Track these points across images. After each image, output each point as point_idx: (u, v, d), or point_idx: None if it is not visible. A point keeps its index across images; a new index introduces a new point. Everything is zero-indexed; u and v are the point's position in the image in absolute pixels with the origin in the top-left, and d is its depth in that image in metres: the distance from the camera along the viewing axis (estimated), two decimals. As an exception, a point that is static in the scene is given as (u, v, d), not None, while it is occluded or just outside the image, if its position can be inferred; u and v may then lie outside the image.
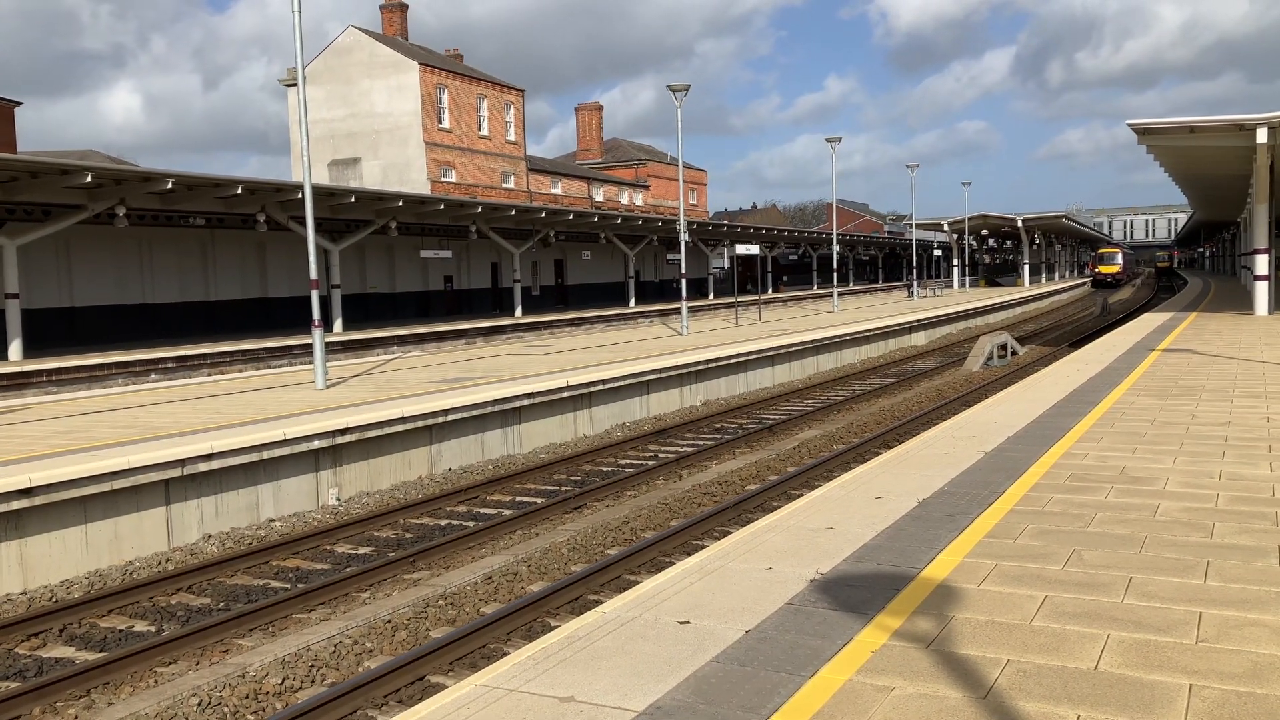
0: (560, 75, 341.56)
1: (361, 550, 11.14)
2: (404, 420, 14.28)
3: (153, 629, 8.87)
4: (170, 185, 26.42)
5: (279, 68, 63.37)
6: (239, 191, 28.58)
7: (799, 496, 10.36)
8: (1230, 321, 28.43)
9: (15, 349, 24.34)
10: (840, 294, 49.79)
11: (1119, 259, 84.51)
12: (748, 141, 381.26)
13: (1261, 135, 25.41)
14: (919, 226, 75.81)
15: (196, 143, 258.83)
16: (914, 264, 66.46)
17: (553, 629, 7.46)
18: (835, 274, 49.09)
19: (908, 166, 58.56)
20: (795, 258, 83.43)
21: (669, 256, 59.29)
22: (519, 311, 41.77)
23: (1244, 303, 35.38)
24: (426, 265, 42.80)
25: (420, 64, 55.55)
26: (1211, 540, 6.80)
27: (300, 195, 27.90)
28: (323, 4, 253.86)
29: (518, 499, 13.29)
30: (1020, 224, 70.03)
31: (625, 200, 75.45)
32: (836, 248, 51.66)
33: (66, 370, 21.85)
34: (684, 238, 32.03)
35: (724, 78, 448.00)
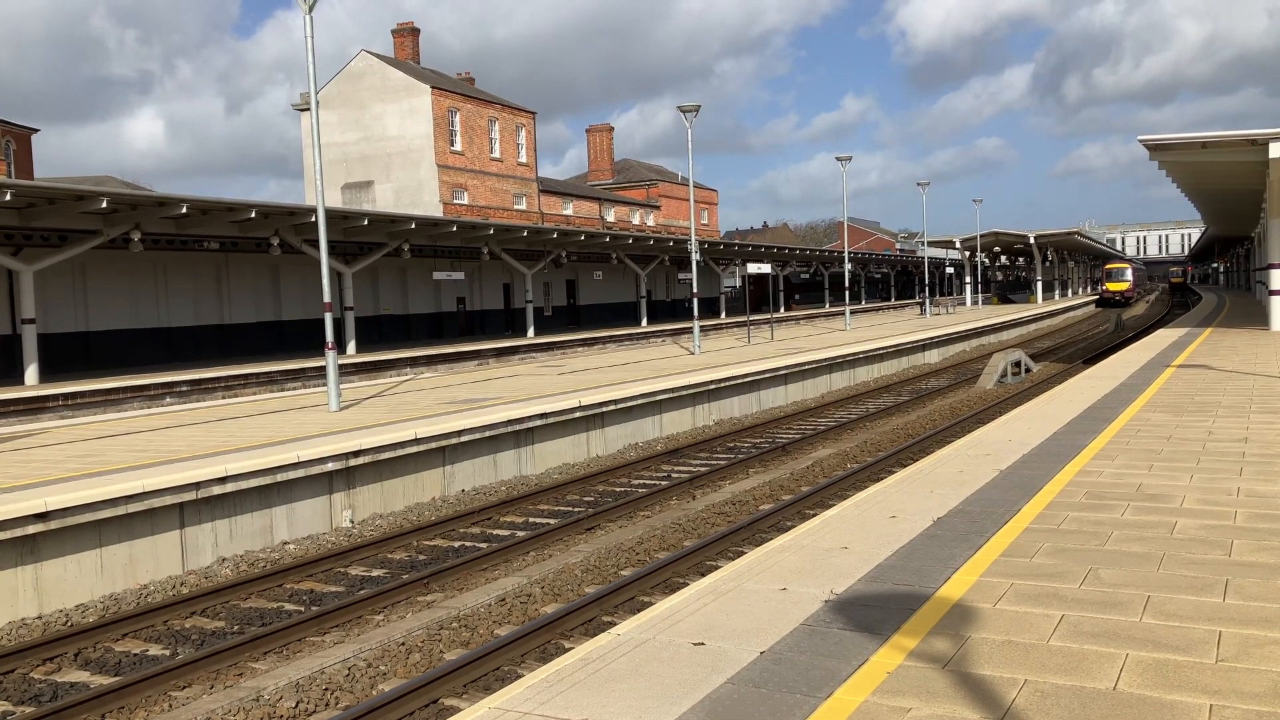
0: (580, 96, 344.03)
1: (375, 572, 11.14)
2: (417, 442, 14.30)
3: (167, 653, 8.88)
4: (184, 210, 26.61)
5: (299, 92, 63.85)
6: (252, 215, 28.75)
7: (813, 516, 10.33)
8: (1246, 337, 28.27)
9: (32, 373, 24.49)
10: (853, 312, 49.74)
11: (1129, 275, 77.54)
12: (764, 161, 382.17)
13: (1275, 150, 25.31)
14: (931, 244, 75.81)
15: (218, 167, 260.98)
16: (926, 281, 66.35)
17: (567, 651, 7.44)
18: (847, 292, 49.04)
19: (918, 184, 58.62)
20: (807, 276, 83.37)
21: (680, 276, 59.35)
22: (531, 332, 41.86)
23: (1259, 318, 35.20)
24: (439, 287, 42.95)
25: (432, 87, 55.93)
26: (1230, 558, 6.74)
27: (313, 218, 28.03)
28: (347, 30, 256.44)
29: (531, 520, 13.28)
30: (1033, 240, 69.88)
31: (636, 220, 75.65)
32: (848, 266, 51.65)
33: (82, 394, 21.97)
34: (695, 257, 32.07)
35: (742, 97, 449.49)
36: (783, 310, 65.76)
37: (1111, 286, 76.80)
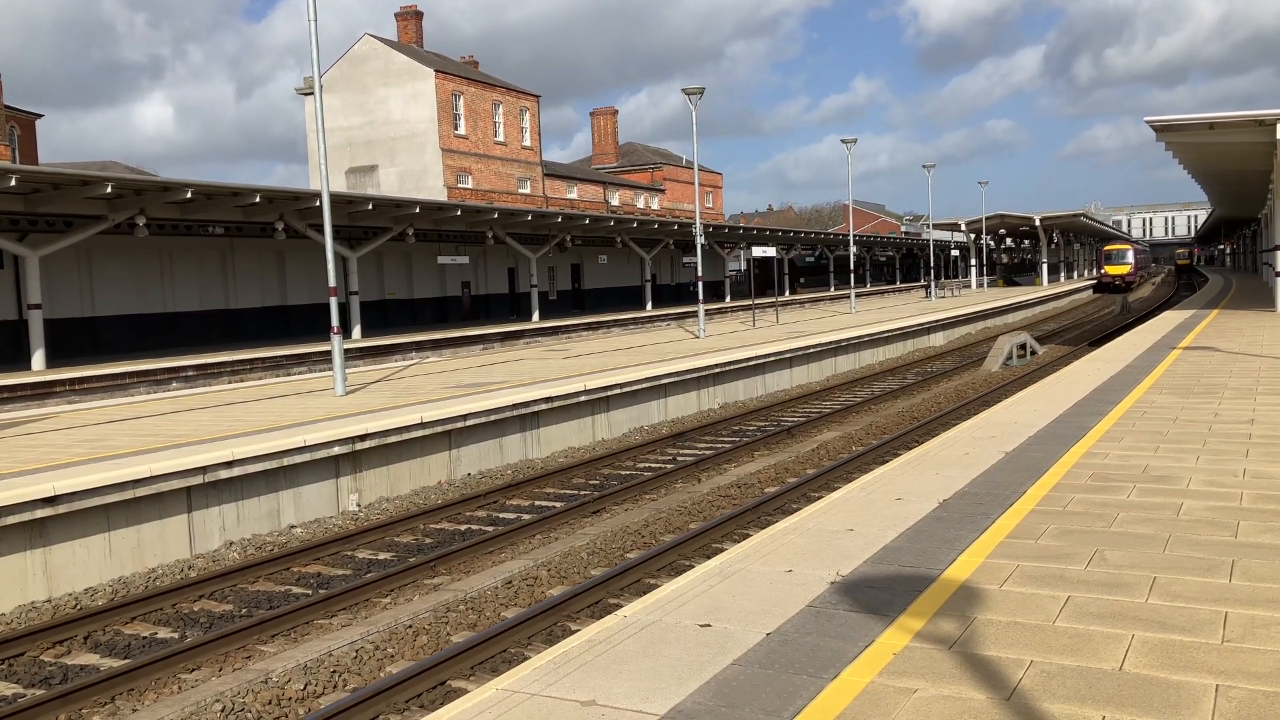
0: (590, 80, 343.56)
1: (382, 556, 11.18)
2: (423, 426, 14.33)
3: (176, 636, 8.92)
4: (189, 195, 26.57)
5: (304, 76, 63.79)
6: (257, 200, 28.70)
7: (818, 498, 10.34)
8: (1252, 319, 28.19)
9: (38, 359, 24.54)
10: (858, 295, 49.65)
11: (1129, 257, 70.23)
12: (773, 143, 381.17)
13: (1282, 130, 25.18)
14: (936, 227, 75.48)
15: (226, 152, 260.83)
16: (931, 264, 66.18)
17: (573, 633, 7.46)
18: (853, 275, 48.93)
19: (924, 166, 58.40)
20: (812, 259, 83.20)
21: (685, 260, 59.28)
22: (536, 316, 41.84)
23: (1266, 299, 35.08)
24: (444, 271, 42.92)
25: (435, 71, 55.75)
26: (1236, 539, 6.74)
27: (318, 203, 28.00)
28: (358, 15, 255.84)
29: (537, 503, 13.31)
30: (1038, 223, 69.63)
31: (641, 204, 75.49)
32: (853, 249, 51.51)
33: (89, 379, 22.01)
34: (700, 240, 32.02)
35: (753, 80, 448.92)
36: (788, 293, 65.63)
37: (1111, 270, 70.02)
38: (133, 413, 16.87)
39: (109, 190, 24.92)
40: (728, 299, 61.53)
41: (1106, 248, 75.20)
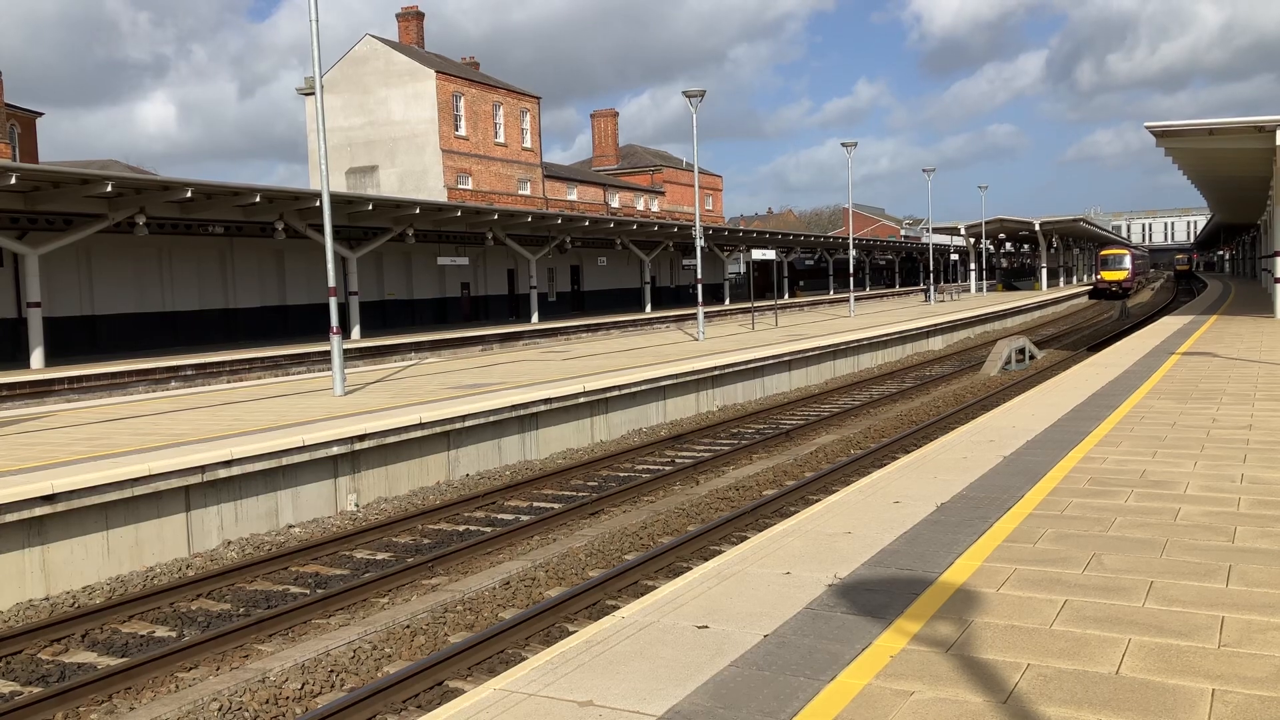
0: (593, 81, 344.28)
1: (380, 556, 11.18)
2: (422, 426, 14.33)
3: (173, 634, 8.93)
4: (189, 194, 26.59)
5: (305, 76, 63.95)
6: (257, 200, 28.72)
7: (816, 501, 10.34)
8: (1251, 324, 28.21)
9: (38, 357, 24.54)
10: (857, 298, 49.68)
11: (1126, 262, 67.97)
12: (775, 146, 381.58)
13: (1282, 137, 25.22)
14: (936, 230, 75.59)
15: (228, 151, 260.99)
16: (931, 268, 66.21)
17: (571, 634, 7.47)
18: (852, 279, 48.94)
19: (924, 170, 58.44)
20: (811, 262, 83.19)
21: (685, 262, 59.29)
22: (535, 317, 41.86)
23: (1264, 305, 35.11)
24: (443, 272, 42.95)
25: (436, 72, 55.78)
26: (1233, 544, 6.75)
27: (318, 203, 28.02)
28: (361, 15, 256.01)
29: (535, 504, 13.31)
30: (1038, 227, 69.68)
31: (641, 206, 75.52)
32: (853, 252, 51.53)
33: (88, 378, 22.02)
34: (700, 243, 32.03)
35: (755, 83, 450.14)
36: (787, 296, 65.67)
37: (1107, 275, 67.81)
38: (131, 411, 16.87)
39: (109, 189, 24.94)
40: (727, 302, 61.55)
41: (1103, 252, 73.55)
